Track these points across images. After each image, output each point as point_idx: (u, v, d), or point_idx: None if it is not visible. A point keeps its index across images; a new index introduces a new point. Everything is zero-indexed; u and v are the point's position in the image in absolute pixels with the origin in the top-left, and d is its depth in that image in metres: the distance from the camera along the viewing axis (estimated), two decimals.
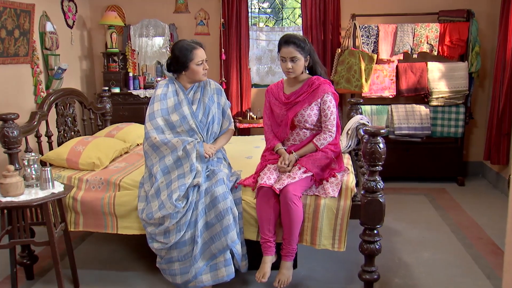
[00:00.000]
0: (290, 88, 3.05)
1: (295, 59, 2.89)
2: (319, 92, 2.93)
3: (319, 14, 5.32)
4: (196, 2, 5.70)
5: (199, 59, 3.03)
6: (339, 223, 2.90)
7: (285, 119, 2.99)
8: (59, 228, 2.89)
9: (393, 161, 4.89)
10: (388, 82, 5.07)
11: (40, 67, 4.61)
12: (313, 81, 2.97)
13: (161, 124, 3.02)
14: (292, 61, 2.89)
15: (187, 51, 3.02)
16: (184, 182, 2.86)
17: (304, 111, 2.96)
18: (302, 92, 2.97)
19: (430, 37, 4.96)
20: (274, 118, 3.08)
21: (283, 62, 2.93)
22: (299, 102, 2.96)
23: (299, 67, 2.92)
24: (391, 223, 4.03)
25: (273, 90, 3.11)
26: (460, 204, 4.58)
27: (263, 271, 2.82)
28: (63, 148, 3.52)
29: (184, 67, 3.05)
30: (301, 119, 2.97)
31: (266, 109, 3.13)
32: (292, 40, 2.88)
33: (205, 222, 2.88)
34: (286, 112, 2.99)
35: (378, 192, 2.77)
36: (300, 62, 2.91)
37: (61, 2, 5.16)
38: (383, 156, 2.71)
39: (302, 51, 2.89)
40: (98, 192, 3.20)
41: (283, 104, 3.01)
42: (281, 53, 2.93)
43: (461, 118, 5.02)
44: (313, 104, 2.95)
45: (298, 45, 2.88)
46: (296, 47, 2.87)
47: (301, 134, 3.04)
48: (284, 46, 2.91)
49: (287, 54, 2.89)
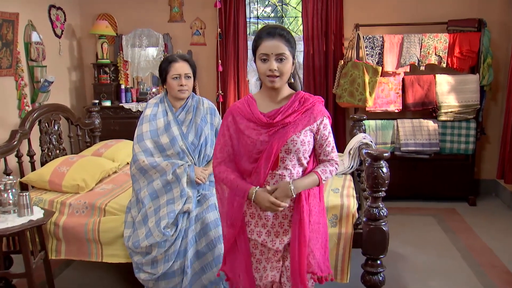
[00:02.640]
0: (269, 105, 2.18)
1: (283, 57, 2.07)
2: (314, 113, 2.15)
3: (321, 23, 5.28)
4: (192, 11, 5.67)
5: (174, 73, 2.94)
6: (341, 253, 2.86)
7: (268, 150, 2.10)
8: (38, 257, 2.83)
9: (399, 180, 4.86)
10: (393, 95, 5.02)
11: (25, 80, 4.55)
12: (305, 97, 2.18)
13: (150, 146, 2.96)
14: (279, 60, 2.07)
15: (166, 63, 2.98)
16: (173, 209, 2.81)
17: (297, 137, 2.11)
18: (292, 111, 2.14)
19: (439, 48, 4.91)
20: (243, 148, 2.17)
21: (263, 63, 2.08)
22: (289, 123, 2.12)
23: (287, 71, 2.10)
24: (396, 247, 3.95)
25: (241, 109, 2.19)
26: (471, 226, 4.49)
27: None
28: (46, 169, 3.46)
29: (163, 80, 3.03)
30: (293, 148, 2.11)
31: (224, 136, 2.22)
32: (279, 32, 2.09)
33: (196, 251, 2.82)
34: (268, 138, 2.11)
35: (381, 220, 2.72)
36: (289, 63, 2.10)
37: (49, 10, 5.12)
38: (387, 181, 2.66)
39: (291, 49, 2.12)
40: (82, 217, 3.14)
41: (263, 126, 2.13)
42: (261, 49, 2.09)
43: (472, 134, 4.97)
44: (307, 129, 2.14)
45: (287, 39, 2.10)
46: (285, 41, 2.08)
47: (285, 175, 2.14)
48: (267, 39, 2.08)
49: (271, 49, 2.06)
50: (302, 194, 2.14)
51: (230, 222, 2.21)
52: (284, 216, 2.18)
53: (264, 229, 2.19)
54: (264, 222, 2.18)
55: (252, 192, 2.11)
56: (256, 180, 2.14)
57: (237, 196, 2.16)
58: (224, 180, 2.19)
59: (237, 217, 2.18)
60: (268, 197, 2.08)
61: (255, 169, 2.14)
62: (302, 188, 2.13)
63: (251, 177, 2.16)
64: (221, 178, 2.20)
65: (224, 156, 2.22)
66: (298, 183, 2.12)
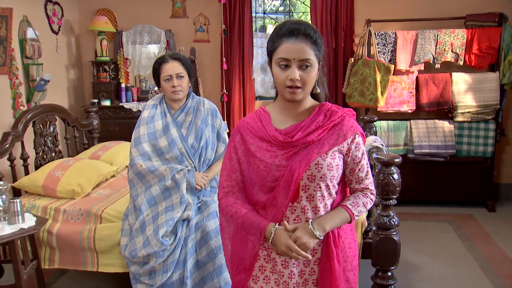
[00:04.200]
0: (287, 120, 1.82)
1: (308, 64, 1.70)
2: (344, 129, 1.77)
3: (331, 19, 5.23)
4: (195, 6, 5.64)
5: (165, 74, 2.92)
6: None
7: (286, 177, 1.73)
8: (29, 267, 2.81)
9: (412, 184, 4.84)
10: (407, 95, 4.97)
11: (19, 78, 4.53)
12: (331, 109, 1.80)
13: (148, 150, 2.94)
14: (302, 68, 1.70)
15: (157, 65, 2.96)
16: (172, 216, 2.79)
17: (322, 160, 1.73)
18: (316, 127, 1.76)
19: (456, 45, 4.86)
20: (254, 175, 1.80)
21: (281, 70, 1.71)
22: (312, 143, 1.75)
23: (312, 80, 1.73)
24: (409, 255, 3.90)
25: (252, 126, 1.83)
26: (489, 233, 4.43)
27: None
28: (40, 173, 3.45)
29: (157, 83, 3.01)
30: (317, 174, 1.73)
31: (231, 161, 1.86)
32: (304, 30, 1.70)
33: (196, 261, 2.81)
34: (286, 161, 1.74)
35: (392, 229, 2.66)
36: (314, 71, 1.72)
37: (45, 5, 5.10)
38: (398, 188, 2.60)
39: (318, 53, 1.74)
40: (77, 224, 3.13)
41: (279, 146, 1.77)
42: (279, 52, 1.71)
43: (491, 136, 4.92)
44: (335, 150, 1.76)
45: (315, 40, 1.71)
46: (311, 44, 1.70)
47: (308, 209, 1.77)
48: (288, 39, 1.70)
49: (294, 53, 1.68)
50: (330, 235, 1.78)
51: (243, 266, 1.83)
52: (305, 264, 1.81)
53: (275, 275, 1.82)
54: (279, 269, 1.80)
55: (270, 230, 1.74)
56: (273, 215, 1.78)
57: (250, 236, 1.79)
58: (234, 216, 1.81)
59: (253, 260, 1.82)
60: (286, 240, 1.72)
61: (270, 201, 1.76)
62: (329, 228, 1.75)
63: (266, 212, 1.79)
64: (230, 214, 1.83)
65: (232, 184, 1.86)
66: (322, 222, 1.74)
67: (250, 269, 1.83)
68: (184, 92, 2.97)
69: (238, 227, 1.82)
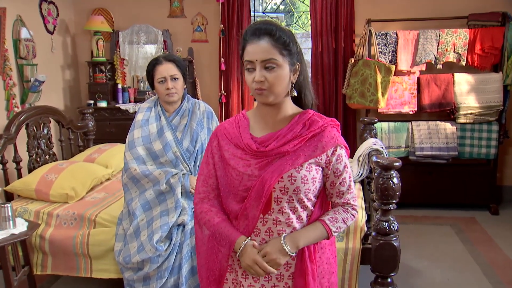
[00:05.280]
0: (265, 127, 1.77)
1: (272, 64, 1.64)
2: (324, 140, 1.71)
3: (330, 18, 5.22)
4: (193, 6, 5.63)
5: (159, 76, 2.89)
6: (348, 269, 2.82)
7: (257, 187, 1.68)
8: (21, 273, 2.79)
9: (413, 186, 4.85)
10: (408, 96, 4.96)
11: (13, 79, 4.52)
12: (312, 119, 1.74)
13: (142, 153, 2.92)
14: (267, 69, 1.64)
15: (151, 67, 2.94)
16: (167, 221, 2.77)
17: (297, 172, 1.67)
18: (293, 137, 1.71)
19: (458, 45, 4.84)
20: (227, 183, 1.76)
21: (248, 73, 1.67)
22: (287, 153, 1.69)
23: (279, 82, 1.66)
24: (410, 260, 3.88)
25: (228, 131, 1.80)
26: (493, 237, 4.41)
27: None
28: (32, 176, 3.43)
29: (151, 85, 2.99)
30: (290, 187, 1.67)
31: (208, 165, 1.83)
32: (266, 29, 1.64)
33: (191, 267, 2.77)
34: (258, 171, 1.69)
35: (391, 235, 2.66)
36: (281, 72, 1.65)
37: (40, 4, 5.09)
38: (398, 192, 2.60)
39: (287, 52, 1.67)
40: (70, 229, 3.11)
41: (253, 155, 1.72)
42: (245, 55, 1.68)
43: (494, 137, 4.90)
44: (311, 162, 1.70)
45: (278, 38, 1.64)
46: (274, 42, 1.64)
47: (281, 221, 1.71)
48: (251, 41, 1.66)
49: (256, 54, 1.64)
50: (305, 250, 1.73)
51: (213, 277, 1.80)
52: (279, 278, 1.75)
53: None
54: (250, 283, 1.77)
55: (239, 243, 1.70)
56: (244, 226, 1.73)
57: (221, 246, 1.75)
58: (206, 224, 1.78)
59: (223, 272, 1.78)
60: (253, 254, 1.67)
61: (241, 212, 1.72)
62: (303, 245, 1.70)
63: (238, 222, 1.74)
64: (203, 221, 1.80)
65: (208, 190, 1.82)
66: (296, 238, 1.69)
67: (221, 282, 1.79)
68: (179, 94, 2.95)
69: (209, 236, 1.78)
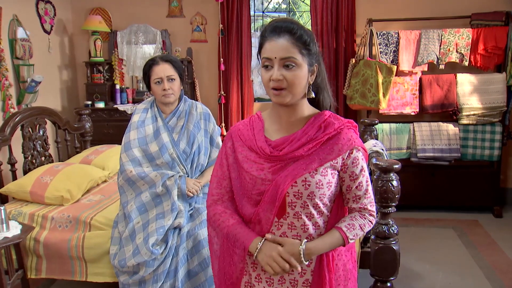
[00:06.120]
0: (280, 129, 1.74)
1: (291, 63, 1.61)
2: (340, 143, 1.67)
3: (331, 18, 5.21)
4: (192, 6, 5.63)
5: (155, 77, 2.89)
6: None
7: (271, 192, 1.66)
8: (14, 277, 2.78)
9: (415, 188, 4.86)
10: (409, 97, 4.95)
11: (9, 80, 4.51)
12: (327, 121, 1.70)
13: (138, 155, 2.91)
14: (286, 67, 1.61)
15: (147, 67, 2.94)
16: (163, 224, 2.76)
17: (311, 177, 1.64)
18: (307, 140, 1.67)
19: (460, 45, 4.83)
20: (241, 186, 1.75)
21: (266, 70, 1.64)
22: (301, 157, 1.66)
23: (299, 82, 1.63)
24: (411, 263, 3.87)
25: (243, 133, 1.78)
26: (496, 240, 4.39)
27: None
28: (27, 178, 3.42)
29: (148, 86, 2.99)
30: (304, 192, 1.65)
31: (222, 167, 1.81)
32: (287, 27, 1.62)
33: (187, 270, 2.77)
34: (271, 175, 1.67)
35: (391, 238, 2.64)
36: (301, 72, 1.62)
37: (36, 4, 5.09)
38: (397, 195, 2.58)
39: (306, 51, 1.63)
40: (65, 232, 3.10)
41: (266, 159, 1.69)
42: (263, 52, 1.65)
43: (498, 139, 4.89)
44: (326, 166, 1.66)
45: (299, 36, 1.61)
46: (295, 40, 1.61)
47: (296, 226, 1.69)
48: (270, 38, 1.63)
49: (275, 52, 1.61)
50: (323, 258, 1.70)
51: (231, 281, 1.77)
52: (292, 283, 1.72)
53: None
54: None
55: (255, 245, 1.67)
56: (258, 230, 1.71)
57: (236, 248, 1.72)
58: (221, 225, 1.75)
59: (239, 274, 1.76)
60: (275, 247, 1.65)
61: (255, 215, 1.70)
62: (318, 253, 1.67)
63: (252, 226, 1.73)
64: (217, 223, 1.77)
65: (222, 192, 1.80)
66: (313, 246, 1.66)
67: (237, 284, 1.76)
68: (176, 95, 2.94)
69: (224, 238, 1.75)
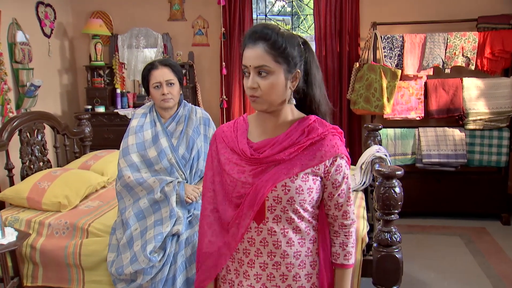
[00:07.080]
0: (263, 133, 1.73)
1: (263, 71, 1.58)
2: (323, 149, 1.65)
3: (335, 22, 5.22)
4: (194, 9, 5.64)
5: (154, 81, 2.89)
6: None
7: (251, 195, 1.65)
8: (10, 285, 2.77)
9: (420, 194, 4.85)
10: (414, 101, 4.94)
11: (8, 84, 4.52)
12: (312, 125, 1.68)
13: (136, 161, 2.90)
14: (259, 75, 1.60)
15: (146, 71, 2.93)
16: (161, 231, 2.74)
17: (291, 182, 1.62)
18: (289, 144, 1.66)
19: (467, 49, 4.82)
20: (222, 186, 1.75)
21: (245, 78, 1.65)
22: (282, 161, 1.64)
23: (272, 89, 1.60)
24: (416, 272, 3.84)
25: (226, 134, 1.77)
26: (504, 248, 4.37)
27: None
28: (24, 184, 3.42)
29: (146, 90, 2.98)
30: (284, 196, 1.63)
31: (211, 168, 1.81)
32: (262, 33, 1.59)
33: (186, 278, 2.75)
34: (252, 178, 1.66)
35: (393, 246, 2.62)
36: (274, 79, 1.59)
37: (36, 7, 5.11)
38: (400, 202, 2.56)
39: (282, 59, 1.59)
40: (62, 239, 3.09)
41: (247, 161, 1.68)
42: (243, 59, 1.65)
43: (505, 144, 4.88)
44: (307, 171, 1.65)
45: (273, 42, 1.58)
46: (269, 47, 1.58)
47: (276, 231, 1.66)
48: (247, 45, 1.62)
49: (249, 60, 1.60)
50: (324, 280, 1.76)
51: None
52: None
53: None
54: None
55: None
56: (232, 234, 1.70)
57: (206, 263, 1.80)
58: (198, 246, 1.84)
59: None
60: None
61: (233, 220, 1.68)
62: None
63: (230, 230, 1.71)
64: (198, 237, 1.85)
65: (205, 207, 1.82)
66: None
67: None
68: (175, 100, 2.93)
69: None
